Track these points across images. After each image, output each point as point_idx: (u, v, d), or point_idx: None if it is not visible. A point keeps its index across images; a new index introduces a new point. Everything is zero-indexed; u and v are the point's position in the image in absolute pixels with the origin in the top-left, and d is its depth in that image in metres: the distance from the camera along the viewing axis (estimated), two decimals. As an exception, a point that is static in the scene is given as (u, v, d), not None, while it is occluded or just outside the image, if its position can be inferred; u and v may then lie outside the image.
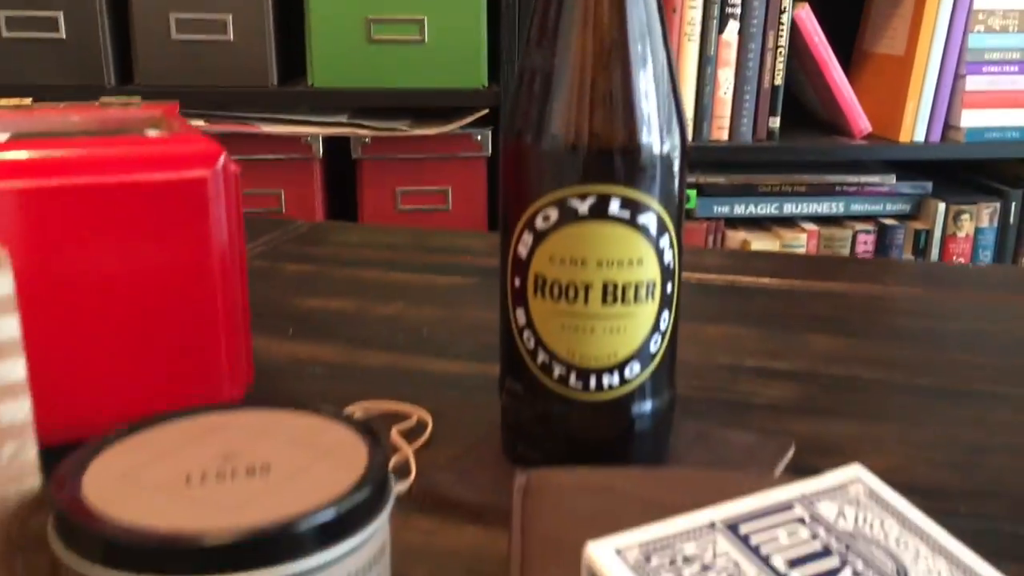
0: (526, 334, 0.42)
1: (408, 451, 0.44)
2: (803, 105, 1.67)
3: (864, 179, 1.57)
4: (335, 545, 0.29)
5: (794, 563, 0.32)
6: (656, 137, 0.39)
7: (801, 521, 0.34)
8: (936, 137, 1.54)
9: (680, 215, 0.42)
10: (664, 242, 0.40)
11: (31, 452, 0.30)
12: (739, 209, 1.55)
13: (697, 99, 1.49)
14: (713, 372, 0.56)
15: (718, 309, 0.68)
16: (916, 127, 1.53)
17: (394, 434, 0.46)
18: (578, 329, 0.40)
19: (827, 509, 0.34)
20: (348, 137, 1.41)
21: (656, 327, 0.41)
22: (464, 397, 0.52)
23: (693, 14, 1.45)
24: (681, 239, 0.42)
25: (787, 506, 0.35)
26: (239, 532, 0.27)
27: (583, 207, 0.39)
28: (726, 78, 1.49)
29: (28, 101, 0.49)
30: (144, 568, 0.27)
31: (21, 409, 0.29)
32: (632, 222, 0.39)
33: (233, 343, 0.44)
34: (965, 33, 1.50)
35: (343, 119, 1.41)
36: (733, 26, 1.47)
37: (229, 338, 0.44)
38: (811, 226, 1.56)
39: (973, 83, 1.51)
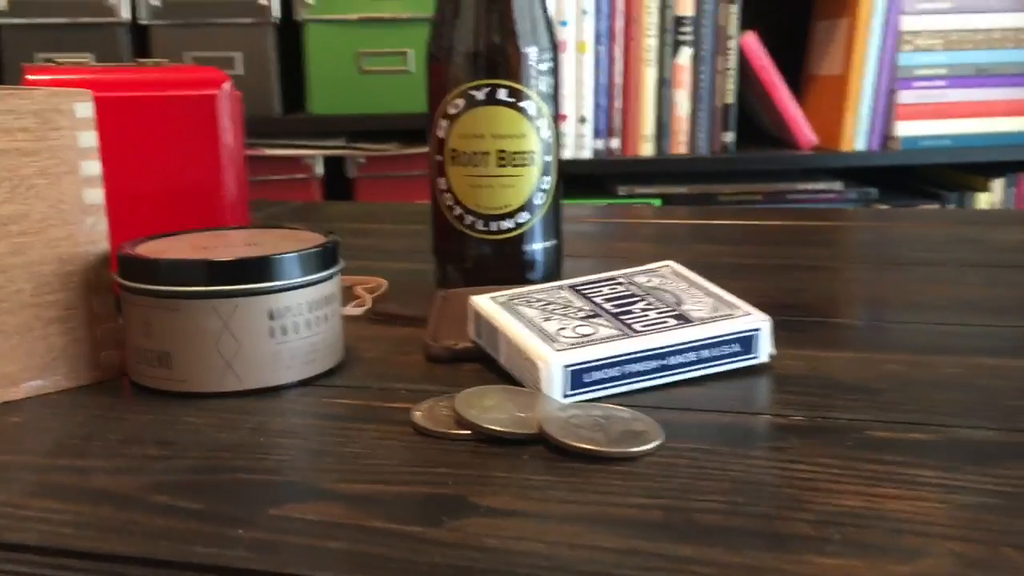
0: (447, 196, 0.58)
1: (365, 294, 0.60)
2: (755, 122, 1.84)
3: (814, 186, 1.73)
4: (298, 277, 0.44)
5: (608, 300, 0.48)
6: (527, 44, 0.56)
7: (620, 283, 0.49)
8: (876, 146, 1.71)
9: (555, 105, 0.58)
10: (541, 123, 0.57)
11: (103, 225, 0.45)
12: (700, 216, 1.71)
13: (657, 117, 1.67)
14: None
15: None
16: (856, 138, 1.70)
17: (356, 288, 0.62)
18: (481, 186, 0.56)
19: (641, 279, 0.50)
20: (344, 158, 1.59)
21: (539, 187, 0.57)
22: (411, 276, 0.68)
23: (650, 42, 1.64)
24: (557, 124, 0.58)
25: (613, 279, 0.50)
26: (235, 259, 0.43)
27: (480, 95, 0.55)
28: (682, 98, 1.67)
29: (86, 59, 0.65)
30: (176, 281, 0.43)
31: (98, 195, 0.45)
32: (516, 106, 0.56)
33: (234, 216, 0.60)
34: (895, 52, 1.68)
35: (340, 142, 1.59)
36: (686, 51, 1.65)
37: (232, 209, 0.60)
38: (767, 230, 1.72)
39: (905, 97, 1.68)
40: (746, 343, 0.45)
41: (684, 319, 0.45)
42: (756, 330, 0.45)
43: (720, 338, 0.45)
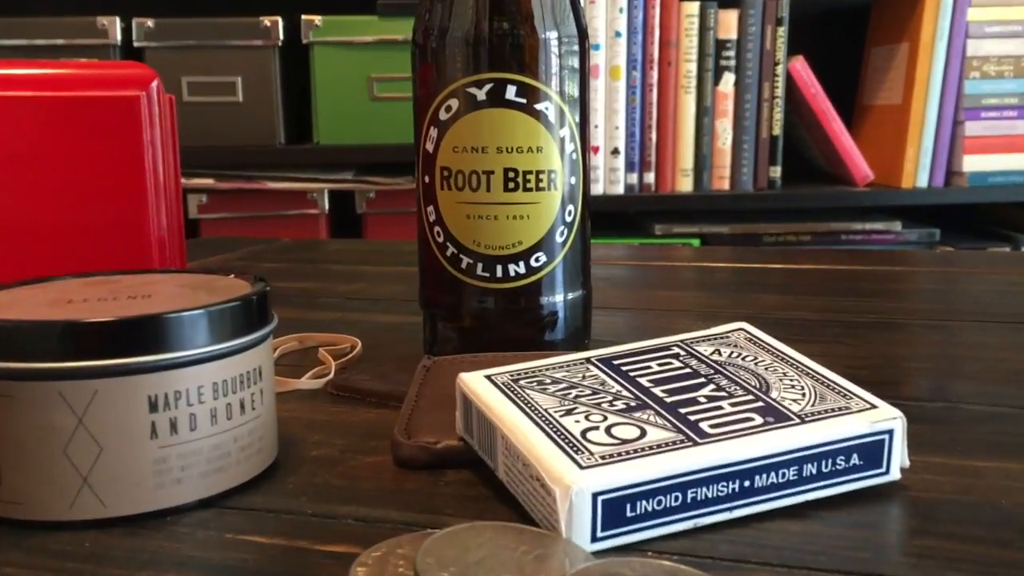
0: (436, 229, 0.43)
1: (330, 360, 0.45)
2: (804, 156, 1.69)
3: (870, 226, 1.57)
4: (198, 346, 0.30)
5: (659, 382, 0.32)
6: (547, 28, 0.41)
7: (676, 356, 0.34)
8: (939, 183, 1.55)
9: (584, 113, 0.43)
10: (564, 133, 0.42)
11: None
12: (744, 259, 1.55)
13: (696, 149, 1.52)
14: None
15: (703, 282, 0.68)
16: (918, 174, 1.54)
17: (321, 352, 0.47)
18: (482, 217, 0.42)
19: (704, 348, 0.35)
20: (353, 192, 1.45)
21: (561, 218, 0.42)
22: (397, 332, 0.53)
23: (689, 67, 1.49)
24: (586, 137, 0.43)
25: (665, 347, 0.35)
26: (94, 320, 0.29)
27: (481, 94, 0.41)
28: (724, 129, 1.52)
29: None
30: (8, 353, 0.28)
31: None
32: (530, 108, 0.41)
33: (163, 255, 0.46)
34: (961, 80, 1.52)
35: (348, 175, 1.45)
36: (728, 78, 1.51)
37: (160, 249, 0.46)
38: (818, 274, 1.56)
39: (972, 128, 1.53)
40: (871, 452, 0.30)
41: (776, 414, 0.30)
42: (887, 432, 0.30)
43: (834, 445, 0.29)
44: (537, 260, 0.42)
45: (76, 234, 0.44)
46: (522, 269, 0.42)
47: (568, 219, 0.43)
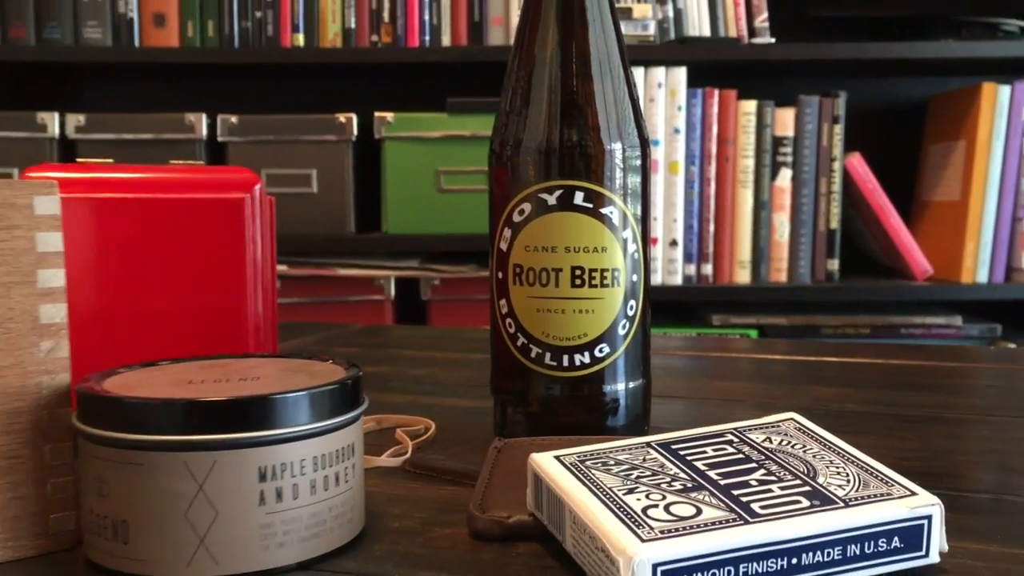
0: (508, 321, 0.47)
1: (407, 440, 0.49)
2: (863, 249, 1.71)
3: (930, 320, 1.57)
4: (302, 423, 0.34)
5: (713, 466, 0.36)
6: (612, 140, 0.45)
7: (729, 442, 0.37)
8: (999, 278, 1.55)
9: (645, 217, 0.47)
10: (627, 235, 0.46)
11: (64, 351, 0.36)
12: (802, 350, 1.56)
13: (754, 242, 1.55)
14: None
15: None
16: (978, 269, 1.55)
17: (398, 432, 0.51)
18: (551, 311, 0.45)
19: (756, 436, 0.38)
20: (418, 279, 1.51)
21: (624, 312, 0.46)
22: (467, 415, 0.56)
23: (746, 162, 1.54)
24: (647, 239, 0.47)
25: (720, 434, 0.38)
26: (212, 399, 0.33)
27: (552, 199, 0.45)
28: (781, 222, 1.55)
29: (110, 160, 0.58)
30: (137, 427, 0.32)
31: (59, 313, 0.36)
32: (595, 212, 0.45)
33: (259, 341, 0.50)
34: (1018, 177, 1.54)
35: (414, 263, 1.51)
36: (785, 173, 1.55)
37: (256, 334, 0.50)
38: (877, 367, 1.56)
39: (1032, 224, 1.54)
40: (911, 536, 0.32)
41: (822, 498, 0.33)
42: (925, 517, 0.33)
43: (875, 528, 0.32)
44: (601, 351, 0.46)
45: (182, 320, 0.49)
46: (587, 359, 0.46)
47: (630, 313, 0.46)
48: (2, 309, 0.34)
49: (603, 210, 0.45)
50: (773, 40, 1.54)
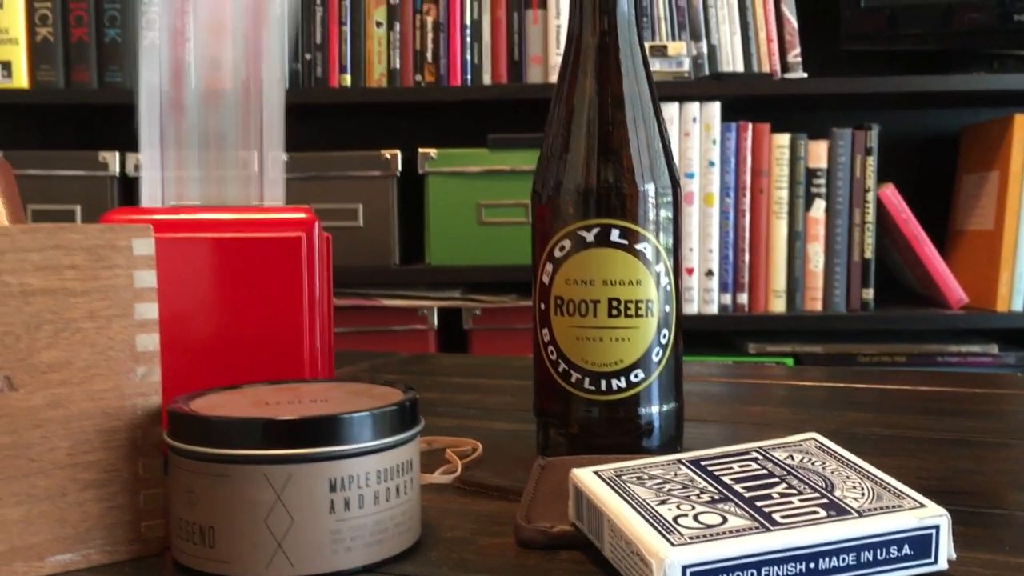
0: (550, 349, 0.51)
1: (456, 459, 0.53)
2: (897, 279, 1.72)
3: (966, 348, 1.58)
4: (366, 440, 0.38)
5: (739, 480, 0.39)
6: (645, 181, 0.49)
7: (754, 459, 0.41)
8: (1035, 306, 1.56)
9: (677, 252, 0.51)
10: (660, 268, 0.49)
11: (156, 376, 0.40)
12: (838, 378, 1.58)
13: (789, 271, 1.58)
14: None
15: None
16: (1013, 297, 1.56)
17: (448, 452, 0.55)
18: (589, 339, 0.49)
19: (779, 454, 0.41)
20: (460, 309, 1.55)
21: (657, 340, 0.50)
22: (511, 437, 0.60)
23: (780, 194, 1.57)
24: (679, 272, 0.51)
25: (745, 452, 0.42)
26: (288, 418, 0.37)
27: (590, 236, 0.49)
28: (816, 252, 1.57)
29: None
30: (222, 443, 0.37)
31: (152, 342, 0.40)
32: (630, 248, 0.49)
33: (315, 371, 0.55)
34: (1053, 206, 1.55)
35: (456, 293, 1.56)
36: (819, 204, 1.57)
37: (312, 364, 0.54)
38: (914, 395, 1.57)
39: (1067, 253, 1.55)
40: (920, 544, 0.36)
41: (838, 509, 0.36)
42: (933, 527, 0.36)
43: (886, 536, 0.35)
44: (636, 376, 0.49)
45: (243, 351, 0.53)
46: (623, 384, 0.49)
47: (663, 341, 0.50)
48: (104, 339, 0.39)
49: (637, 246, 0.49)
50: (806, 75, 1.57)
